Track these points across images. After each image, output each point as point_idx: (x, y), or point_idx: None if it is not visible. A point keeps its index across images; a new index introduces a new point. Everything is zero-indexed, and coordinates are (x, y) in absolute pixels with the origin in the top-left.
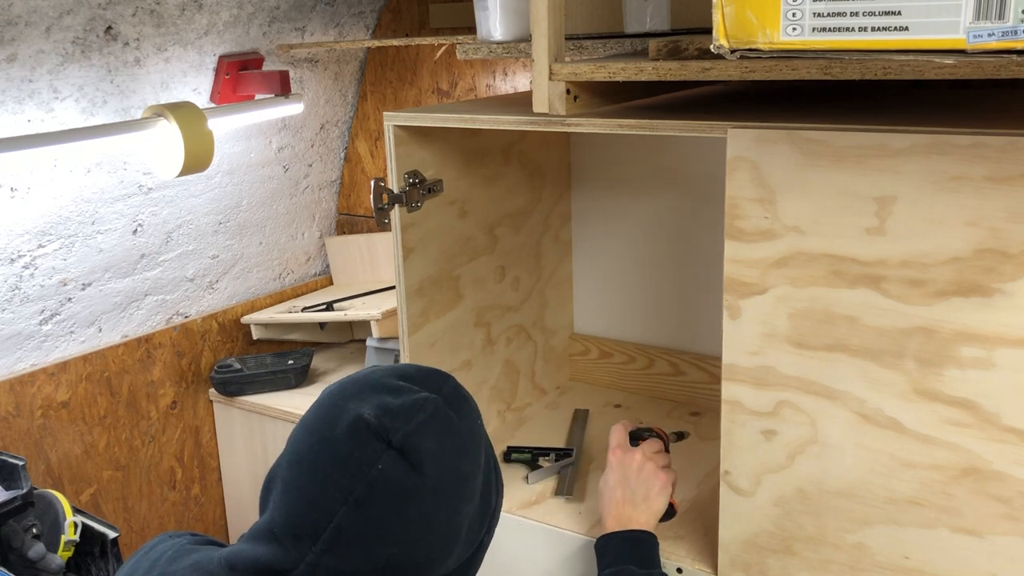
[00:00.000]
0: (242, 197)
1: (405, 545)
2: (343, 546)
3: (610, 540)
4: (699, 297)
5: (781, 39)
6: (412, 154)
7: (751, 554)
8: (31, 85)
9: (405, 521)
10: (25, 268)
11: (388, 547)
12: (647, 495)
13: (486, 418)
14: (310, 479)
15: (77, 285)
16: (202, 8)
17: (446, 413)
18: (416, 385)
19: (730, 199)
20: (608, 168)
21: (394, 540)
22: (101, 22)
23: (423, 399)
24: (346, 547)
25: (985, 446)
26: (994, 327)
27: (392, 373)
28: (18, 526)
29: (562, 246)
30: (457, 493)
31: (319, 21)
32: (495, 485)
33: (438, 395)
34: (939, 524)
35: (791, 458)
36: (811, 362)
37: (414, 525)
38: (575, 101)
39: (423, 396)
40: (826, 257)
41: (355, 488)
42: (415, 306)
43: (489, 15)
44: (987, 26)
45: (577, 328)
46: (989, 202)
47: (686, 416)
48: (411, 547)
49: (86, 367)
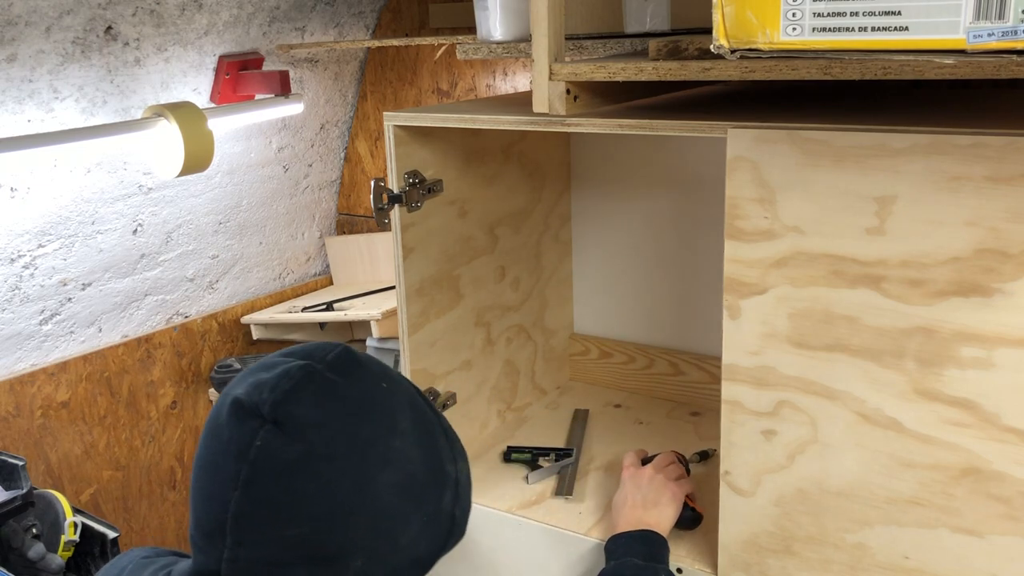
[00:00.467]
0: (242, 197)
1: (313, 522)
2: (249, 533)
3: (619, 538)
4: (699, 297)
5: (781, 39)
6: (412, 154)
7: (751, 554)
8: (31, 85)
9: (300, 496)
10: (25, 268)
11: (294, 527)
12: (657, 501)
13: (486, 418)
14: (204, 474)
15: (77, 285)
16: (202, 8)
17: (325, 378)
18: (296, 358)
19: (730, 199)
20: (608, 168)
21: (297, 519)
22: (101, 22)
23: (293, 367)
24: (252, 534)
25: (985, 446)
26: (994, 327)
27: (280, 352)
28: (18, 526)
29: (562, 246)
30: (360, 460)
31: (319, 21)
32: (446, 451)
33: (318, 362)
34: (939, 524)
35: (791, 458)
36: (811, 362)
37: (314, 499)
38: (575, 101)
39: (294, 365)
40: (826, 257)
41: (240, 470)
42: (415, 306)
43: (489, 15)
44: (987, 26)
45: (577, 328)
46: (989, 202)
47: (686, 416)
48: (322, 524)
49: (86, 367)
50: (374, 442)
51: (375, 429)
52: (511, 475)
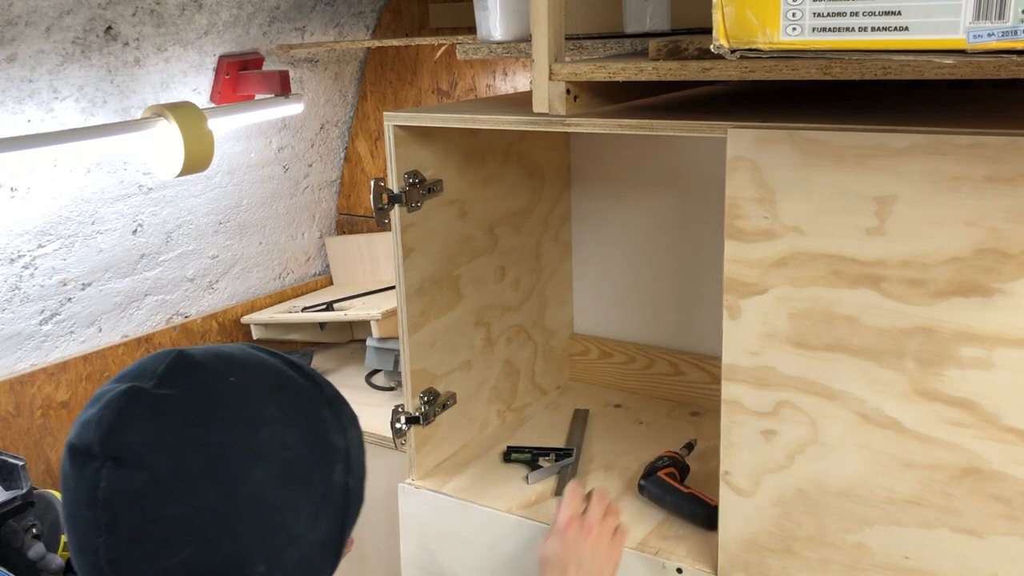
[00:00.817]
0: (242, 197)
1: (191, 544)
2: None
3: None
4: (699, 297)
5: (781, 39)
6: (412, 154)
7: (751, 554)
8: (31, 85)
9: (165, 523)
10: (25, 268)
11: (172, 555)
12: (601, 574)
13: (486, 418)
14: (68, 527)
15: (77, 285)
16: (202, 8)
17: (153, 395)
18: (124, 381)
19: (730, 199)
20: (608, 168)
21: (172, 546)
22: (101, 22)
23: (115, 395)
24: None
25: (985, 446)
26: (994, 327)
27: (114, 377)
28: (18, 526)
29: (562, 246)
30: (217, 466)
31: (319, 21)
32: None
33: (146, 380)
34: (939, 524)
35: (791, 458)
36: (811, 362)
37: (181, 522)
38: (575, 101)
39: (117, 391)
40: (826, 257)
41: (97, 516)
42: (415, 306)
43: (489, 15)
44: (987, 26)
45: (577, 328)
46: (989, 202)
47: (686, 416)
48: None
49: (86, 367)
50: (230, 443)
51: (228, 429)
52: (511, 475)
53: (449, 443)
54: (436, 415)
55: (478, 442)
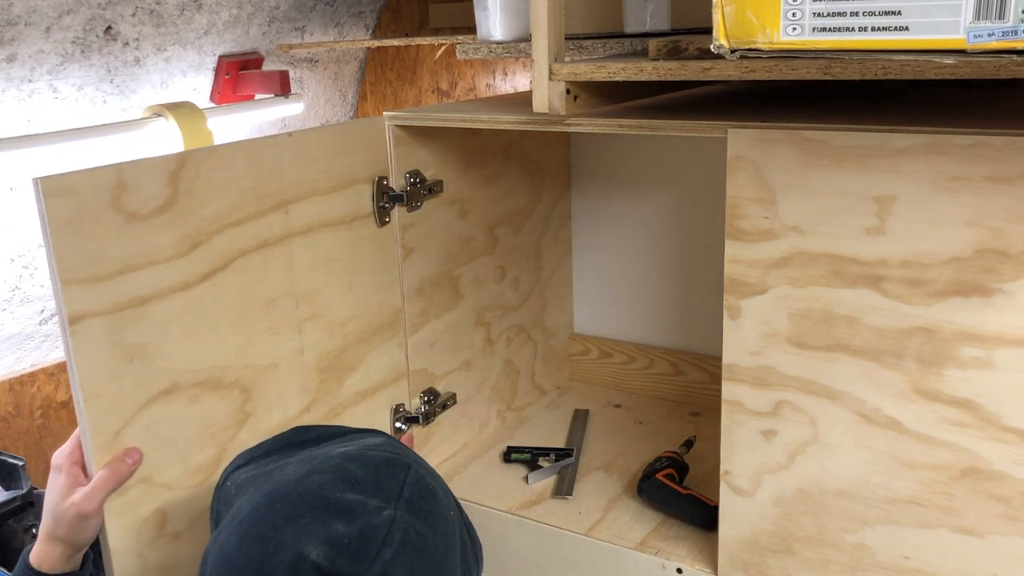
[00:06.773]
0: None
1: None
2: None
3: None
4: (699, 297)
5: (781, 39)
6: (412, 154)
7: (751, 554)
8: (31, 85)
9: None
10: (25, 268)
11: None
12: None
13: (486, 418)
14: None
15: None
16: (202, 8)
17: (417, 532)
18: (370, 493)
19: (730, 199)
20: (608, 168)
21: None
22: (101, 22)
23: (386, 522)
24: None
25: (985, 446)
26: (994, 327)
27: (337, 476)
28: (18, 526)
29: (562, 246)
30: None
31: (319, 21)
32: (473, 557)
33: (402, 505)
34: (939, 524)
35: (791, 458)
36: (811, 362)
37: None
38: (575, 101)
39: (385, 516)
40: (826, 257)
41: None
42: (415, 306)
43: (489, 15)
44: (987, 26)
45: (577, 328)
46: (989, 202)
47: (686, 416)
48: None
49: None
50: None
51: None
52: (511, 475)
53: (449, 443)
54: (436, 415)
55: (478, 442)
